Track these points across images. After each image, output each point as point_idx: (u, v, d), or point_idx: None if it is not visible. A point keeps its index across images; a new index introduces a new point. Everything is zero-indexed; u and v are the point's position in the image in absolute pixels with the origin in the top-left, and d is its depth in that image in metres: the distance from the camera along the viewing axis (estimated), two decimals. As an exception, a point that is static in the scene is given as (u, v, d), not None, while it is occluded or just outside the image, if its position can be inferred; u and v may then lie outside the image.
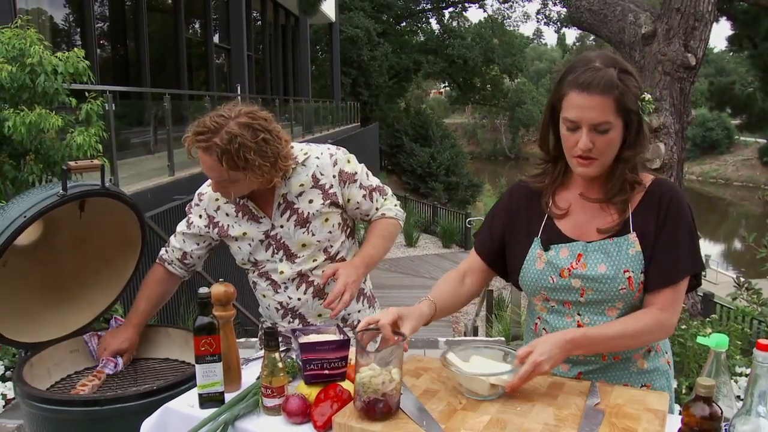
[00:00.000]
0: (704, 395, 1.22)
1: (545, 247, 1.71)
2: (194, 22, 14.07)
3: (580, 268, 1.66)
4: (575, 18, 7.58)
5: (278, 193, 2.09)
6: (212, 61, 13.83)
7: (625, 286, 1.63)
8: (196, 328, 1.64)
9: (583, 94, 1.55)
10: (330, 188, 2.10)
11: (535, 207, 1.78)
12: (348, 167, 2.14)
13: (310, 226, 2.10)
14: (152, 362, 2.35)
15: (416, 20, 36.16)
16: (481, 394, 1.59)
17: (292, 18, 21.41)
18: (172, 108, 8.25)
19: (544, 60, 67.67)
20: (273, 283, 2.16)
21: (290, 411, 1.57)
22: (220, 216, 2.17)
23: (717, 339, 1.31)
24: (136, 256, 2.40)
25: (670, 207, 1.63)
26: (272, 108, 14.71)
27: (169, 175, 7.49)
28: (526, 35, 46.54)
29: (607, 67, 1.56)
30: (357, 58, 28.61)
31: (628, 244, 1.64)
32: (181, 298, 5.99)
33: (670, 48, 6.17)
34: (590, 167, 1.62)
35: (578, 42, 56.77)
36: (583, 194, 1.71)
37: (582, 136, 1.57)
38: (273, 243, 2.12)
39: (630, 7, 6.78)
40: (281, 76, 20.23)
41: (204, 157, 1.95)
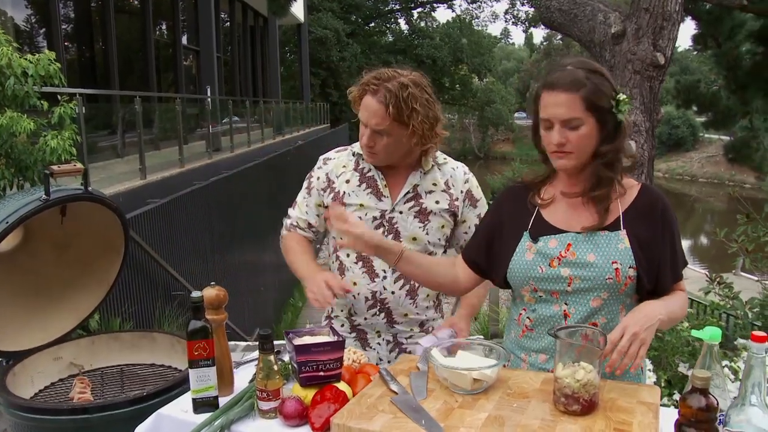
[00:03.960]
0: (700, 387, 1.25)
1: (534, 239, 1.77)
2: (163, 23, 13.90)
3: (569, 256, 1.72)
4: (545, 18, 7.65)
5: (411, 180, 2.09)
6: (181, 63, 13.68)
7: (612, 276, 1.69)
8: (189, 332, 1.62)
9: (551, 93, 1.67)
10: (456, 200, 2.12)
11: (522, 204, 1.84)
12: (476, 192, 2.18)
13: (428, 225, 2.08)
14: (138, 368, 2.32)
15: (385, 21, 36.25)
16: (464, 388, 1.61)
17: (261, 19, 21.27)
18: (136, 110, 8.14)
19: (512, 59, 68.19)
20: (371, 270, 2.09)
21: (287, 414, 1.56)
22: (340, 182, 2.13)
23: (710, 332, 1.34)
24: (119, 261, 2.37)
25: (665, 216, 1.73)
26: (242, 109, 14.62)
27: (141, 178, 7.39)
28: (494, 35, 46.86)
29: (576, 68, 1.67)
30: (326, 59, 28.57)
31: (618, 239, 1.71)
32: (156, 302, 5.92)
33: (640, 47, 6.27)
34: (566, 159, 1.70)
35: (546, 41, 57.34)
36: (563, 191, 1.79)
37: (554, 132, 1.67)
38: (386, 225, 2.08)
39: (599, 7, 6.87)
40: (250, 78, 20.09)
41: (370, 101, 1.96)
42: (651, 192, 1.77)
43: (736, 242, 4.61)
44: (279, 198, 12.61)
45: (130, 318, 5.13)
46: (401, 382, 1.67)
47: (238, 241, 9.45)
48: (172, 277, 6.21)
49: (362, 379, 1.71)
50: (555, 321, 1.75)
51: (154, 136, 9.59)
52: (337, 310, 2.19)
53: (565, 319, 1.74)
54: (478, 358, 1.72)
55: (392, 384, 1.65)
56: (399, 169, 2.09)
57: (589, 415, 1.49)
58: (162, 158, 9.07)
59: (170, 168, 8.60)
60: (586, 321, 1.73)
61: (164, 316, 5.87)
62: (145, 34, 12.18)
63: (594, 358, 1.51)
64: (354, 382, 1.70)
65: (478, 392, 1.61)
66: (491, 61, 38.51)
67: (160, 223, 6.22)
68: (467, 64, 35.40)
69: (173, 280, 6.27)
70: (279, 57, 23.43)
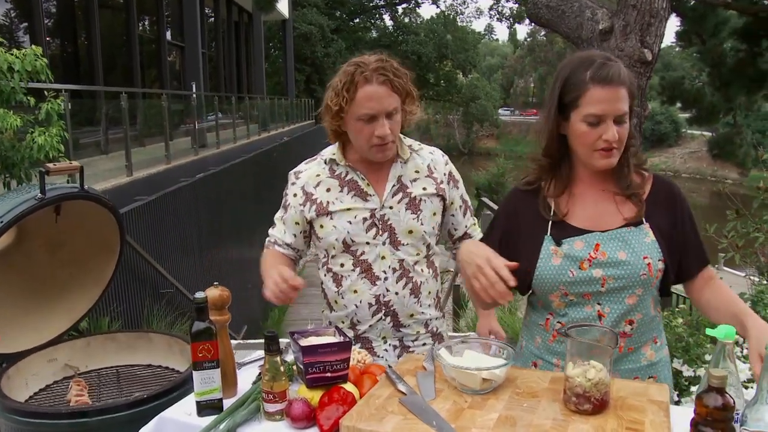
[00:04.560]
0: (717, 386, 1.24)
1: (557, 242, 1.72)
2: (147, 18, 13.75)
3: (600, 256, 1.69)
4: (533, 14, 7.66)
5: (393, 173, 2.05)
6: (165, 59, 13.55)
7: (645, 271, 1.67)
8: (193, 333, 1.59)
9: (607, 88, 1.60)
10: (441, 183, 2.09)
11: (534, 207, 1.78)
12: (455, 173, 2.16)
13: (421, 214, 2.04)
14: (135, 369, 2.29)
15: (369, 16, 36.16)
16: (473, 388, 1.59)
17: (246, 15, 21.13)
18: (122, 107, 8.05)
19: (496, 55, 68.44)
20: (370, 274, 2.03)
21: (294, 416, 1.53)
22: (319, 192, 2.06)
23: (725, 330, 1.33)
24: (114, 260, 2.33)
25: (681, 203, 1.74)
26: (228, 106, 14.52)
27: (127, 175, 7.31)
28: (478, 31, 46.92)
29: (611, 60, 1.63)
30: (311, 55, 28.46)
31: (643, 233, 1.70)
32: (144, 300, 5.86)
33: (627, 44, 6.29)
34: (612, 158, 1.66)
35: (530, 38, 57.55)
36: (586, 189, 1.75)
37: (609, 128, 1.61)
38: (378, 224, 2.02)
39: (587, 3, 6.88)
40: (235, 74, 19.95)
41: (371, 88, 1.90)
42: (664, 181, 1.77)
43: (726, 238, 4.64)
44: (265, 194, 12.54)
45: (119, 317, 5.07)
46: (408, 382, 1.65)
47: (225, 238, 9.39)
48: (159, 275, 6.15)
49: (368, 379, 1.69)
50: (590, 322, 1.72)
51: (139, 133, 9.49)
52: (338, 322, 2.10)
53: (600, 319, 1.72)
54: (485, 357, 1.70)
55: (400, 384, 1.63)
56: (378, 163, 2.03)
57: (600, 415, 1.48)
58: (147, 155, 8.98)
59: (156, 165, 8.52)
60: (622, 319, 1.72)
61: (152, 314, 5.80)
62: (129, 30, 12.04)
63: (605, 357, 1.50)
64: (360, 383, 1.67)
65: (487, 392, 1.60)
66: (476, 57, 38.55)
67: (147, 220, 6.15)
68: (452, 60, 35.41)
69: (161, 278, 6.21)
70: (264, 53, 23.29)
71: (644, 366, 1.76)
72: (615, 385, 1.61)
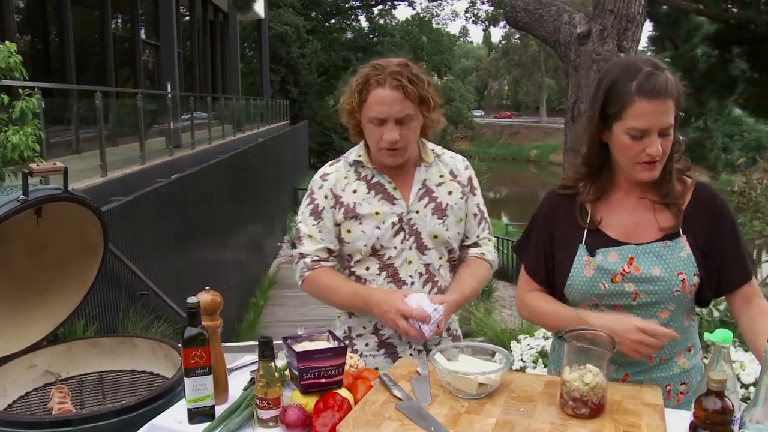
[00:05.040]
0: (716, 389, 1.25)
1: (591, 252, 1.70)
2: (121, 16, 13.55)
3: (633, 271, 1.66)
4: (511, 17, 7.70)
5: (418, 177, 2.03)
6: (140, 58, 13.37)
7: (680, 288, 1.65)
8: (185, 339, 1.55)
9: (654, 101, 1.53)
10: (465, 186, 2.07)
11: (571, 214, 1.75)
12: (475, 180, 2.12)
13: (447, 220, 2.01)
14: (118, 375, 2.23)
15: (345, 17, 36.12)
16: (469, 393, 1.58)
17: (221, 14, 20.96)
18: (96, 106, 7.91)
19: (470, 58, 68.82)
20: (397, 279, 1.99)
21: (290, 422, 1.51)
22: (347, 194, 2.02)
23: (722, 335, 1.34)
24: (97, 263, 2.27)
25: (724, 215, 1.68)
26: (203, 106, 14.38)
27: (101, 175, 7.19)
28: (452, 33, 47.17)
29: (658, 69, 1.56)
30: (286, 56, 28.34)
31: (679, 247, 1.66)
32: (120, 303, 5.76)
33: (605, 48, 6.36)
34: (654, 170, 1.61)
35: (504, 40, 57.97)
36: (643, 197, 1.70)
37: (653, 142, 1.56)
38: (406, 228, 1.99)
39: (564, 8, 6.94)
40: (210, 74, 19.78)
41: (382, 93, 1.87)
42: (706, 190, 1.71)
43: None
44: (241, 195, 12.44)
45: (94, 320, 4.97)
46: (403, 387, 1.64)
47: (201, 239, 9.29)
48: (135, 277, 6.05)
49: (362, 385, 1.67)
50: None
51: (112, 132, 9.34)
52: (358, 328, 2.05)
53: None
54: (479, 361, 1.69)
55: (395, 390, 1.61)
56: (403, 167, 2.02)
57: (597, 418, 1.48)
58: (121, 155, 8.85)
59: (131, 165, 8.39)
60: None
61: (128, 317, 5.71)
62: (102, 27, 11.86)
63: (602, 361, 1.50)
64: (354, 388, 1.66)
65: (483, 396, 1.59)
66: (451, 60, 38.75)
67: (123, 221, 6.05)
68: (427, 62, 35.46)
69: (137, 280, 6.11)
70: (239, 53, 23.13)
71: (677, 374, 1.74)
72: (609, 389, 1.62)
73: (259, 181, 14.89)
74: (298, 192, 23.34)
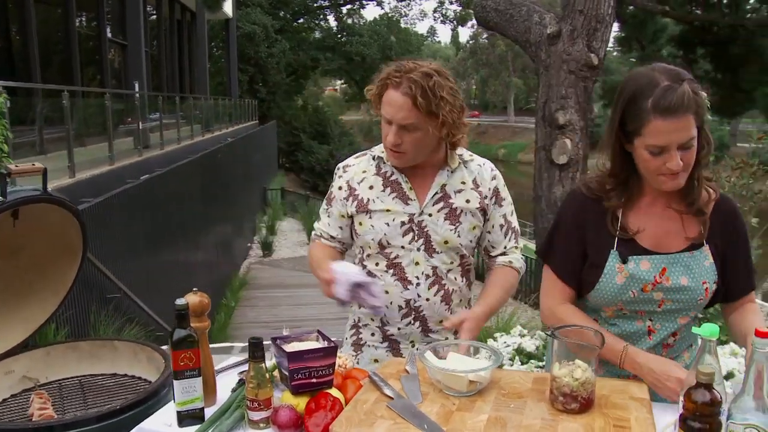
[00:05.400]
0: (705, 382, 1.27)
1: (623, 259, 1.70)
2: (86, 15, 13.30)
3: (664, 281, 1.68)
4: (481, 18, 7.75)
5: (438, 181, 2.01)
6: (106, 57, 13.14)
7: (703, 297, 1.70)
8: (174, 342, 1.54)
9: (670, 119, 1.52)
10: (485, 198, 2.04)
11: (600, 218, 1.74)
12: (503, 190, 2.09)
13: (459, 227, 2.00)
14: (99, 378, 2.19)
15: (313, 17, 35.98)
16: (459, 390, 1.60)
17: (189, 13, 20.72)
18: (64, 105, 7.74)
19: (438, 57, 69.01)
20: (403, 278, 2.00)
21: (281, 423, 1.50)
22: (362, 188, 2.03)
23: (709, 329, 1.37)
24: (76, 265, 2.23)
25: (741, 227, 1.74)
26: (171, 106, 14.20)
27: (69, 176, 7.04)
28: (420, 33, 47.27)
29: (676, 82, 1.54)
30: (254, 55, 28.14)
31: (703, 256, 1.70)
32: (91, 306, 5.66)
33: (574, 48, 6.44)
34: (678, 180, 1.61)
35: (472, 40, 58.32)
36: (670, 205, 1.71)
37: (672, 157, 1.56)
38: (415, 229, 1.99)
39: (535, 8, 7.01)
40: (178, 73, 19.53)
41: (394, 95, 1.86)
42: (727, 200, 1.74)
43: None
44: (211, 196, 12.32)
45: (65, 324, 4.88)
46: (393, 386, 1.64)
47: (172, 240, 9.18)
48: (106, 279, 5.96)
49: (352, 384, 1.67)
50: (639, 336, 1.76)
51: (77, 132, 9.15)
52: (366, 318, 2.08)
53: (650, 334, 1.75)
54: (468, 359, 1.71)
55: (386, 388, 1.62)
56: (424, 169, 2.01)
57: (586, 413, 1.50)
58: (88, 155, 8.68)
59: (99, 165, 8.24)
60: (670, 334, 1.75)
61: (99, 320, 5.62)
62: (67, 26, 11.63)
63: (590, 357, 1.52)
64: (344, 388, 1.66)
65: (473, 394, 1.60)
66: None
67: (93, 223, 5.94)
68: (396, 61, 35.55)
69: (108, 283, 6.01)
70: (207, 52, 22.89)
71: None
72: (596, 384, 1.64)
73: (229, 182, 14.77)
74: (267, 192, 23.21)
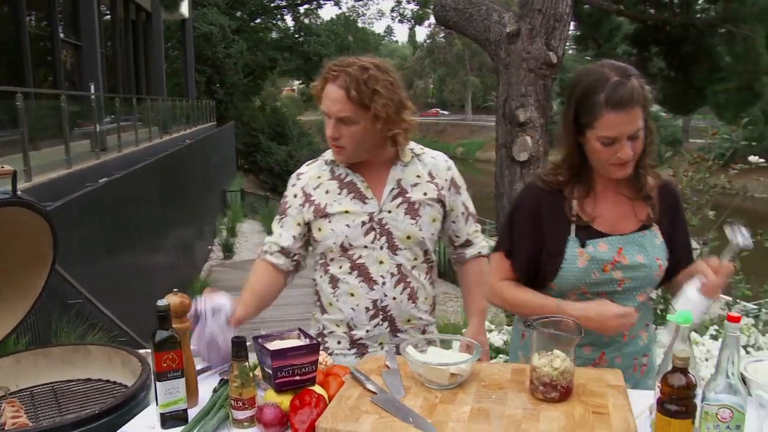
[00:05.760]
0: (681, 366, 1.32)
1: (582, 244, 1.79)
2: (36, 14, 12.96)
3: (622, 260, 1.78)
4: (440, 17, 7.82)
5: (393, 176, 2.02)
6: (59, 58, 12.84)
7: (659, 273, 1.81)
8: (157, 343, 1.53)
9: (621, 113, 1.63)
10: (442, 189, 2.06)
11: (556, 209, 1.82)
12: (458, 179, 2.12)
13: (420, 220, 2.00)
14: (72, 384, 2.15)
15: (270, 17, 35.73)
16: (441, 383, 1.62)
17: (144, 13, 20.37)
18: (18, 107, 7.54)
19: (395, 57, 69.21)
20: (368, 278, 2.00)
21: (267, 421, 1.51)
22: (318, 193, 2.03)
23: (683, 315, 1.42)
24: (45, 272, 2.18)
25: (680, 206, 1.87)
26: (128, 107, 13.95)
27: (26, 180, 6.87)
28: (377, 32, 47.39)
29: (625, 77, 1.65)
30: (211, 56, 27.83)
31: (654, 236, 1.82)
32: (52, 312, 5.54)
33: (534, 46, 6.55)
34: (627, 169, 1.73)
35: (429, 39, 58.65)
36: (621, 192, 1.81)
37: (623, 147, 1.67)
38: (377, 227, 1.99)
39: (494, 7, 7.10)
40: (134, 74, 19.19)
41: (331, 88, 1.90)
42: (669, 183, 1.86)
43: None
44: (171, 198, 12.16)
45: (26, 332, 4.77)
46: (375, 381, 1.66)
47: (132, 244, 9.03)
48: (67, 285, 5.84)
49: (334, 381, 1.69)
50: None
51: (31, 135, 8.92)
52: (331, 325, 2.08)
53: None
54: (449, 353, 1.74)
55: (368, 384, 1.63)
56: (377, 166, 2.03)
57: (566, 401, 1.54)
58: (44, 159, 8.49)
59: (57, 169, 8.06)
60: None
61: (61, 327, 5.50)
62: (17, 25, 11.32)
63: (569, 347, 1.57)
64: (326, 385, 1.67)
65: (454, 387, 1.63)
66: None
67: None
68: (345, 58, 35.52)
69: (69, 288, 5.89)
70: (163, 53, 22.53)
71: (641, 347, 1.92)
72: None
73: (188, 184, 14.60)
74: (227, 194, 22.97)
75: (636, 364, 1.91)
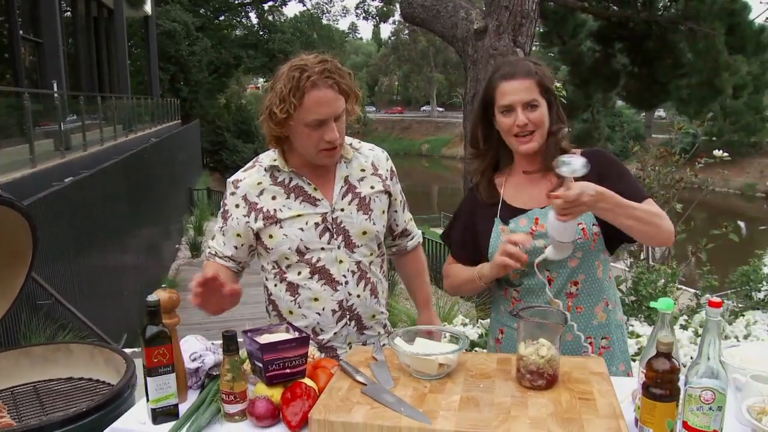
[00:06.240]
0: (665, 351, 1.37)
1: (505, 222, 1.99)
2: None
3: (539, 228, 1.93)
4: (408, 14, 7.86)
5: (340, 174, 2.02)
6: (19, 55, 12.54)
7: (581, 236, 1.90)
8: (147, 338, 1.53)
9: (511, 81, 1.91)
10: (386, 179, 2.10)
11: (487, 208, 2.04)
12: (394, 168, 2.18)
13: (372, 214, 2.03)
14: (53, 383, 2.13)
15: (235, 14, 35.37)
16: (429, 373, 1.65)
17: (105, 10, 19.99)
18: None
19: (360, 54, 69.15)
20: (330, 280, 1.97)
21: (259, 414, 1.52)
22: (264, 200, 1.97)
23: (665, 303, 1.47)
24: (24, 271, 2.15)
25: (611, 166, 1.94)
26: (92, 106, 13.70)
27: (-12, 181, 6.73)
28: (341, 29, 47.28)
29: (525, 60, 1.97)
30: (175, 53, 27.47)
31: None
32: (21, 313, 5.43)
33: (501, 43, 6.63)
34: (531, 142, 1.93)
35: (393, 36, 58.67)
36: (526, 170, 2.01)
37: (518, 114, 1.89)
38: (332, 227, 1.97)
39: (461, 4, 7.16)
40: (96, 72, 18.84)
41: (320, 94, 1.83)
42: (589, 152, 1.93)
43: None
44: (138, 197, 11.99)
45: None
46: (363, 372, 1.68)
47: (100, 243, 8.88)
48: (35, 285, 5.72)
49: (323, 373, 1.70)
50: (540, 288, 1.93)
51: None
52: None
53: (550, 284, 1.92)
54: (436, 343, 1.77)
55: (357, 375, 1.66)
56: (322, 166, 1.99)
57: (552, 389, 1.58)
58: (6, 158, 8.32)
59: (20, 168, 7.89)
60: (568, 281, 1.92)
61: (30, 328, 5.39)
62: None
63: (554, 335, 1.61)
64: (316, 377, 1.68)
65: (442, 376, 1.66)
66: (342, 56, 38.87)
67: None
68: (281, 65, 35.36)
69: (38, 288, 5.78)
70: (126, 51, 22.15)
71: (596, 326, 1.97)
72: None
73: (154, 183, 14.39)
74: (193, 193, 22.72)
75: (593, 344, 1.96)
